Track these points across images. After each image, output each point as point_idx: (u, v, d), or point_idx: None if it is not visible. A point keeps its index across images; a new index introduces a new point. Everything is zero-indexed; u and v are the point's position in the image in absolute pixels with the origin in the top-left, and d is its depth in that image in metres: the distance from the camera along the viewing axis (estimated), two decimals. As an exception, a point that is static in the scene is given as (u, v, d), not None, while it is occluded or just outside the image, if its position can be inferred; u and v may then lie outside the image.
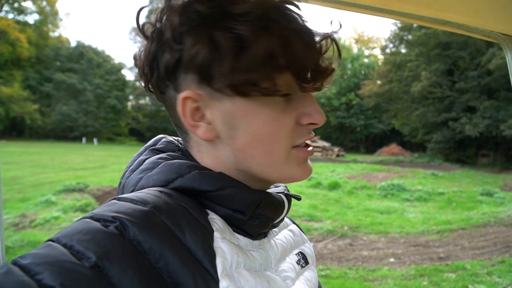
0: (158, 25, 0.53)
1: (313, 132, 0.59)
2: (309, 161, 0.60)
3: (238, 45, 0.49)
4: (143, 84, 0.59)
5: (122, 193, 0.57)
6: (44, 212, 7.00)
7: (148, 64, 0.55)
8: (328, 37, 0.55)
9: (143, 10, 0.56)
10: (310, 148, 0.59)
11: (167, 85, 0.55)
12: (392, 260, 5.19)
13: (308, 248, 0.74)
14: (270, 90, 0.51)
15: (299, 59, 0.51)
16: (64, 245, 0.39)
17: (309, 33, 0.53)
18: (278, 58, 0.50)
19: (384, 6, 0.89)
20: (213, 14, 0.50)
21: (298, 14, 0.53)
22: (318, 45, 0.53)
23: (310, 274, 0.69)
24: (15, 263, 0.37)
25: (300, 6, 0.54)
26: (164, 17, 0.53)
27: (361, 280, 4.46)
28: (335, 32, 0.56)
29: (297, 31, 0.51)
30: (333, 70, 0.56)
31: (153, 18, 0.55)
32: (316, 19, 0.55)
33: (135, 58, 0.59)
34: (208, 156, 0.58)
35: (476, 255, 5.32)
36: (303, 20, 0.54)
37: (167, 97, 0.57)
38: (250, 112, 0.53)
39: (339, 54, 0.58)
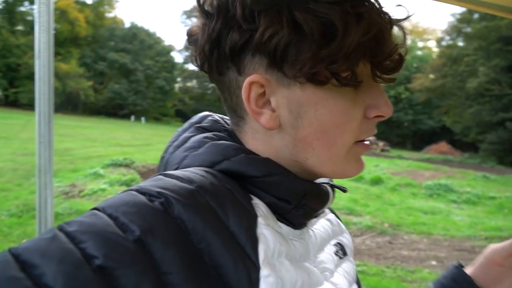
0: None
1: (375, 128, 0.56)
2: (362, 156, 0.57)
3: (325, 31, 0.45)
4: (197, 63, 0.55)
5: (165, 169, 0.57)
6: (92, 184, 7.40)
7: (210, 43, 0.51)
8: (399, 24, 0.52)
9: None
10: (367, 143, 0.56)
11: (228, 66, 0.52)
12: (433, 263, 4.99)
13: (346, 239, 0.72)
14: (348, 80, 0.48)
15: (383, 51, 0.48)
16: (110, 216, 0.39)
17: (390, 20, 0.49)
18: (365, 50, 0.47)
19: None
20: None
21: None
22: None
23: (348, 266, 0.67)
24: (61, 229, 0.37)
25: None
26: None
27: (399, 280, 4.32)
28: (406, 18, 0.52)
29: (383, 19, 0.48)
30: (404, 59, 0.53)
31: None
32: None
33: (190, 34, 0.55)
34: (263, 144, 0.55)
35: (528, 266, 4.98)
36: (380, 4, 0.50)
37: (226, 79, 0.54)
38: (320, 102, 0.50)
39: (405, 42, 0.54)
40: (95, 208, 0.41)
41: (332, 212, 0.76)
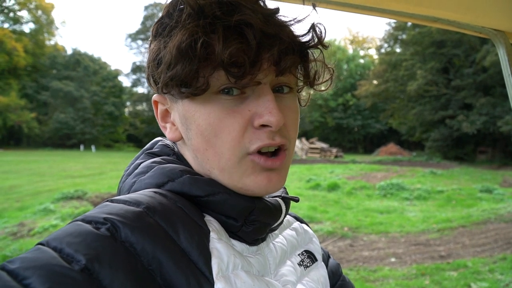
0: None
1: (277, 138, 0.52)
2: (274, 173, 0.54)
3: (162, 45, 0.53)
4: None
5: None
6: (43, 221, 6.97)
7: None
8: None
9: None
10: (271, 159, 0.53)
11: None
12: (393, 260, 5.17)
13: (315, 244, 0.73)
14: (197, 89, 0.49)
15: (220, 55, 0.47)
16: (54, 248, 0.39)
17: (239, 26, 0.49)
18: (193, 54, 0.48)
19: (374, 4, 0.88)
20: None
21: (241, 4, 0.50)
22: (256, 40, 0.48)
23: (317, 273, 0.67)
24: (2, 268, 0.36)
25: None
26: None
27: (363, 281, 4.44)
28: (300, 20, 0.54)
29: (225, 26, 0.48)
30: (287, 67, 0.52)
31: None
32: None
33: None
34: (185, 155, 0.61)
35: (477, 252, 5.30)
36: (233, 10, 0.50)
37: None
38: (196, 113, 0.53)
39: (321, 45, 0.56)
40: (39, 243, 0.40)
41: (298, 219, 0.77)
